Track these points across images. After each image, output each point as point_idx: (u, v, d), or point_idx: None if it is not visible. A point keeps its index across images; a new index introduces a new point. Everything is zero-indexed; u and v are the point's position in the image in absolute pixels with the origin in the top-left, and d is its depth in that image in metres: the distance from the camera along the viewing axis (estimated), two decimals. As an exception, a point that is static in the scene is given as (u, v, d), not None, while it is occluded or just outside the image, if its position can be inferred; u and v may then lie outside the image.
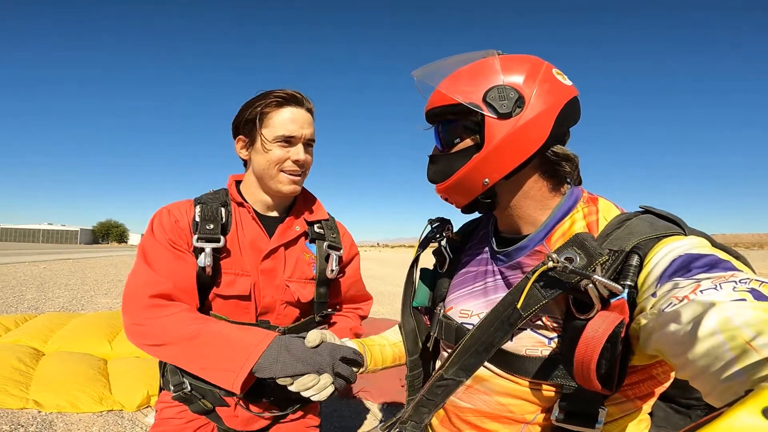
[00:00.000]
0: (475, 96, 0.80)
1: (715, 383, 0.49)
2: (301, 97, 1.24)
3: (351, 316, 1.47)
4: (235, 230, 1.25)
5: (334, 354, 1.00)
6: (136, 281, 1.12)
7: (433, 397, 0.88)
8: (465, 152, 0.84)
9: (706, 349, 0.50)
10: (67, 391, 3.02)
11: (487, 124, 0.80)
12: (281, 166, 1.22)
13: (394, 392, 3.44)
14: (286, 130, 1.19)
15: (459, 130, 0.85)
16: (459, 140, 0.85)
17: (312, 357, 0.98)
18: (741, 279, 0.55)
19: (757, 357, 0.44)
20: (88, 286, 10.30)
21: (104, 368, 3.53)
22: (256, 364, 0.97)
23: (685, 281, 0.60)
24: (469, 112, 0.81)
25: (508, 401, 0.83)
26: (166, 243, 1.16)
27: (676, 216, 0.76)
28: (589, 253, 0.70)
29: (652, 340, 0.62)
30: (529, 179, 0.85)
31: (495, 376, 0.85)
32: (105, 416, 2.91)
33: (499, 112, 0.79)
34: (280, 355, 0.97)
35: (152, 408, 3.09)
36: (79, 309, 7.00)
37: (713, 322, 0.50)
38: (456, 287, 1.01)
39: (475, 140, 0.83)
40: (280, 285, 1.26)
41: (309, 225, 1.35)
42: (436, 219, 1.11)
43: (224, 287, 1.20)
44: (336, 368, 0.99)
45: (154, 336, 1.06)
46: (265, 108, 1.20)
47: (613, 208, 0.84)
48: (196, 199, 1.27)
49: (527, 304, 0.74)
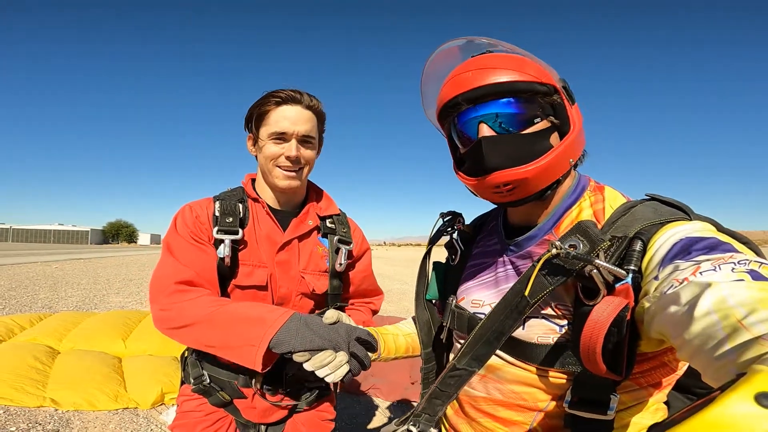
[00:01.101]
0: (551, 78, 0.84)
1: (709, 362, 0.50)
2: (300, 96, 1.26)
3: (363, 309, 1.50)
4: (252, 224, 1.30)
5: (350, 333, 1.01)
6: (161, 272, 1.18)
7: (446, 389, 0.89)
8: (543, 133, 0.82)
9: (701, 328, 0.51)
10: (83, 389, 3.06)
11: (570, 108, 0.84)
12: (276, 161, 1.26)
13: (404, 389, 3.45)
14: (279, 126, 1.23)
15: (538, 110, 0.82)
16: (539, 120, 0.82)
17: (329, 333, 0.98)
18: (740, 260, 0.56)
19: (748, 336, 0.45)
20: (100, 285, 10.43)
21: (119, 366, 3.57)
22: (275, 337, 0.97)
23: (685, 263, 0.61)
24: (545, 93, 0.82)
25: (521, 389, 0.84)
26: (189, 236, 1.22)
27: (682, 203, 0.77)
28: (591, 240, 0.71)
29: (654, 322, 0.63)
30: None
31: (507, 364, 0.86)
32: (120, 414, 2.95)
33: (572, 99, 0.85)
34: (299, 330, 0.98)
35: (166, 406, 3.13)
36: (92, 308, 7.10)
37: (708, 302, 0.51)
38: (467, 278, 1.02)
39: (553, 122, 0.83)
40: (296, 276, 1.30)
41: (321, 220, 1.39)
42: (448, 212, 1.12)
43: (243, 278, 1.25)
44: (352, 347, 0.99)
45: (178, 319, 1.09)
46: (264, 107, 1.25)
47: (619, 196, 0.85)
48: (215, 196, 1.34)
49: (534, 291, 0.75)
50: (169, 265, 1.18)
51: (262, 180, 1.36)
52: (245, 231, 1.28)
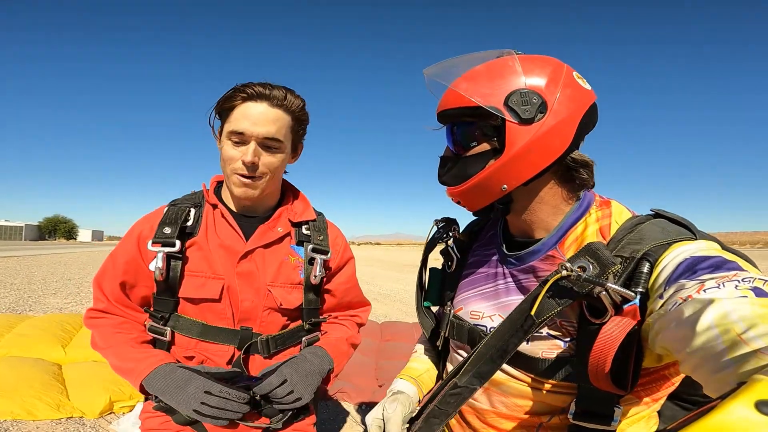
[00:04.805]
0: (495, 99, 0.78)
1: (709, 375, 0.51)
2: (269, 92, 1.12)
3: (347, 324, 1.40)
4: (205, 232, 1.19)
5: (198, 391, 1.06)
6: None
7: (445, 407, 0.85)
8: (482, 156, 0.82)
9: (702, 342, 0.51)
10: (20, 397, 2.79)
11: (508, 129, 0.78)
12: (232, 166, 1.14)
13: (372, 392, 3.40)
14: (236, 125, 1.11)
15: (476, 134, 0.83)
16: (476, 143, 0.83)
17: (179, 394, 1.06)
18: (744, 278, 0.56)
19: (747, 349, 0.46)
20: (36, 285, 9.63)
21: (59, 373, 3.29)
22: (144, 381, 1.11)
23: (690, 282, 0.62)
24: (487, 115, 0.79)
25: (525, 402, 0.84)
26: (120, 256, 1.21)
27: (687, 220, 0.78)
28: (602, 263, 0.72)
29: (658, 339, 0.64)
30: (546, 185, 0.84)
31: (511, 378, 0.85)
32: (65, 423, 2.71)
33: (521, 118, 0.76)
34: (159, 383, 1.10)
35: (116, 415, 2.91)
36: (27, 310, 6.53)
37: (710, 317, 0.51)
38: (464, 287, 1.00)
39: (493, 145, 0.81)
40: (261, 289, 1.19)
41: (296, 226, 1.28)
42: (442, 219, 1.09)
43: (192, 290, 1.15)
44: (198, 404, 1.05)
45: (93, 343, 1.22)
46: (230, 102, 1.13)
47: (625, 211, 0.85)
48: (171, 201, 1.25)
49: (541, 311, 0.75)
50: (98, 287, 1.23)
51: (227, 183, 1.24)
52: (196, 239, 1.17)
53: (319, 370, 1.20)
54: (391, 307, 8.37)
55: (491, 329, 0.88)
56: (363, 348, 4.22)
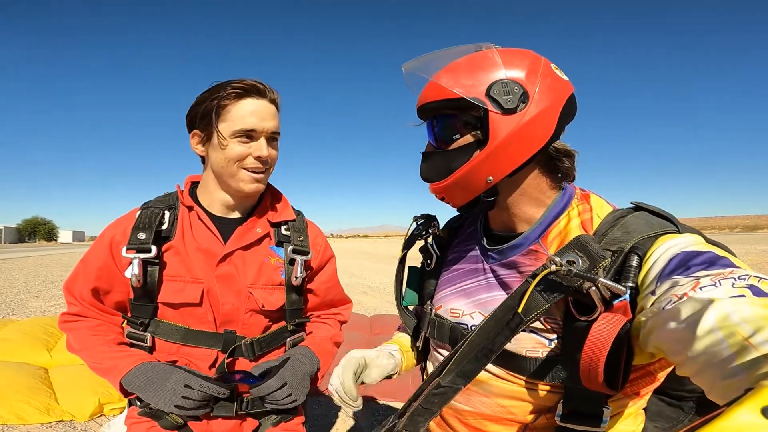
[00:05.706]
0: (477, 90, 0.78)
1: (716, 381, 0.49)
2: (264, 87, 1.15)
3: (330, 322, 1.40)
4: (182, 235, 1.18)
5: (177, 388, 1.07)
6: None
7: (429, 406, 0.83)
8: (465, 149, 0.81)
9: (705, 346, 0.50)
10: (9, 402, 2.75)
11: (491, 119, 0.77)
12: (242, 163, 1.14)
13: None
14: (246, 123, 1.11)
15: (458, 126, 0.82)
16: (458, 136, 0.82)
17: (156, 393, 1.08)
18: (740, 275, 0.56)
19: (756, 354, 0.45)
20: (17, 288, 9.42)
21: (46, 377, 3.25)
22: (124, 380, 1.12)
23: (684, 279, 0.61)
24: (469, 107, 0.79)
25: (509, 403, 0.82)
26: (95, 265, 1.18)
27: (668, 212, 0.77)
28: (591, 256, 0.69)
29: (651, 338, 0.63)
30: (529, 176, 0.84)
31: (494, 377, 0.84)
32: (56, 427, 2.70)
33: (503, 108, 0.76)
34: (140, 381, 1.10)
35: (107, 417, 2.89)
36: (9, 314, 6.39)
37: (712, 319, 0.50)
38: (444, 285, 0.99)
39: (477, 136, 0.80)
40: (242, 292, 1.19)
41: (275, 226, 1.27)
42: (422, 216, 1.08)
43: (171, 295, 1.14)
44: (175, 402, 1.06)
45: (69, 346, 1.21)
46: (223, 100, 1.12)
47: (605, 204, 0.85)
48: (143, 204, 1.23)
49: (528, 308, 0.72)
50: (69, 293, 1.21)
51: (209, 182, 1.22)
52: (172, 243, 1.16)
53: (311, 371, 1.22)
54: (381, 300, 8.38)
55: (472, 327, 0.86)
56: (352, 341, 4.24)
